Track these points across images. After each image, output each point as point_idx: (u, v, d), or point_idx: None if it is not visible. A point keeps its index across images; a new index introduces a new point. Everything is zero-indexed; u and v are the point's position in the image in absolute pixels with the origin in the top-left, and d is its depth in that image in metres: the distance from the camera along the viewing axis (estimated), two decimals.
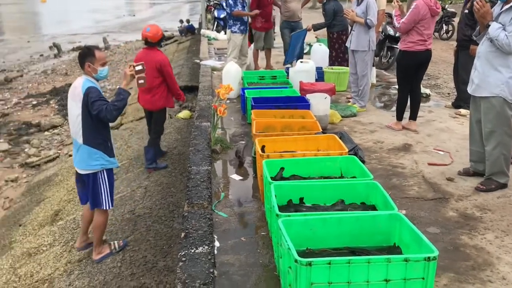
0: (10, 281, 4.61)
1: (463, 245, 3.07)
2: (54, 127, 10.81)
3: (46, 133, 10.63)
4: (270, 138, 4.18)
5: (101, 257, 4.09)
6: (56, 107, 12.60)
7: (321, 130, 4.65)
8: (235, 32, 8.49)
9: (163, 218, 4.78)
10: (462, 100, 6.23)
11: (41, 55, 22.34)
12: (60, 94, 13.78)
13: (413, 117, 5.61)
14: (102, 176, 3.80)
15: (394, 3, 5.50)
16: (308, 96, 5.82)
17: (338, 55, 8.18)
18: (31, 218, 6.16)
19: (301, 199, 3.13)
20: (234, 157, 4.90)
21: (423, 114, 6.25)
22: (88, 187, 3.82)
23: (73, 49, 23.12)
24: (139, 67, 3.75)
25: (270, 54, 9.64)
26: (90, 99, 3.50)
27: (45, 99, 13.52)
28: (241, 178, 4.35)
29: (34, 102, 13.24)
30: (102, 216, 3.97)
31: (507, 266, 2.81)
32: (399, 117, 5.64)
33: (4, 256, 5.41)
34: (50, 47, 23.51)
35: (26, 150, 9.59)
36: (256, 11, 8.32)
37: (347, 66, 8.21)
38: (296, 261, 2.24)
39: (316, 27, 8.37)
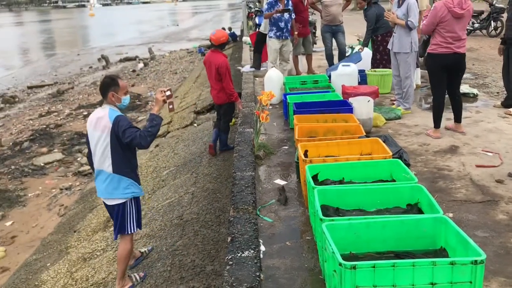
0: (68, 284, 4.86)
1: None
2: None
3: None
4: (313, 142, 4.21)
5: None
6: None
7: (364, 133, 4.64)
8: (271, 37, 8.59)
9: (210, 223, 4.91)
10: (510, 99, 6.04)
11: (90, 67, 23.31)
12: None
13: (458, 119, 5.47)
14: (132, 204, 3.79)
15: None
16: (350, 99, 5.81)
17: (383, 58, 8.10)
18: (85, 224, 6.45)
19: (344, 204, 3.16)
20: (277, 162, 4.97)
21: (471, 115, 6.09)
22: (117, 217, 3.78)
23: (120, 60, 23.98)
24: (168, 93, 3.75)
25: (311, 59, 9.67)
26: (121, 127, 3.46)
27: (95, 109, 14.08)
28: (285, 183, 4.40)
29: (85, 113, 13.81)
30: (127, 243, 3.92)
31: None
32: (436, 124, 5.44)
33: (61, 260, 5.71)
34: (99, 59, 24.49)
35: (78, 159, 10.05)
36: (280, 8, 8.35)
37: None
38: (340, 264, 2.27)
39: (365, 44, 8.29)
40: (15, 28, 58.39)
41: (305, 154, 3.94)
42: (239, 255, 3.04)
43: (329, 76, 7.52)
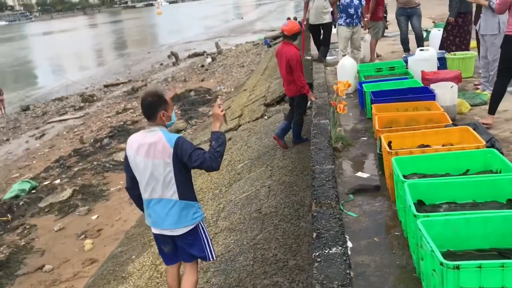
0: (153, 277, 5.03)
1: None
2: (179, 131, 11.57)
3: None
4: (397, 133, 4.04)
5: None
6: (179, 112, 13.46)
7: (450, 122, 4.38)
8: (341, 24, 8.37)
9: (289, 217, 4.87)
10: None
11: (161, 64, 24.11)
12: (181, 99, 14.71)
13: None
14: (202, 226, 3.43)
15: None
16: (432, 86, 5.52)
17: (454, 42, 7.69)
18: None
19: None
20: (356, 154, 4.83)
21: None
22: (191, 244, 3.39)
23: (189, 56, 24.57)
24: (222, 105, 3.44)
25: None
26: (186, 151, 3.07)
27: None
28: (367, 175, 4.26)
29: None
30: (195, 273, 3.57)
31: None
32: (491, 110, 5.04)
33: (145, 253, 5.93)
34: (169, 56, 25.26)
35: None
36: None
37: (466, 50, 7.67)
38: (442, 264, 2.14)
39: (452, 14, 7.80)
40: (90, 30, 61.62)
41: (389, 145, 3.78)
42: (326, 251, 2.97)
43: (406, 62, 7.20)
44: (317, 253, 2.98)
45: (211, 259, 3.56)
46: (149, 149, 3.12)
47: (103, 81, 21.45)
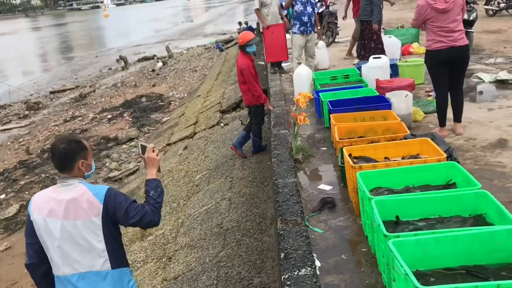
0: None
1: None
2: (131, 139, 11.23)
3: (123, 146, 11.08)
4: (358, 146, 4.04)
5: None
6: (130, 119, 13.10)
7: (408, 131, 4.45)
8: (295, 33, 8.39)
9: (251, 231, 4.79)
10: None
11: (110, 69, 23.41)
12: (132, 106, 14.33)
13: (457, 119, 5.13)
14: None
15: None
16: (387, 95, 5.60)
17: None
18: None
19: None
20: (317, 165, 4.82)
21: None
22: None
23: (139, 60, 24.01)
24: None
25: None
26: (120, 205, 2.55)
27: (118, 112, 14.11)
28: (330, 187, 4.24)
29: (109, 116, 13.85)
30: None
31: None
32: (442, 123, 5.13)
33: None
34: (117, 60, 24.58)
35: (107, 164, 10.03)
36: None
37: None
38: None
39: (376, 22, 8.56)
40: (33, 33, 59.10)
41: (350, 156, 3.77)
42: (296, 273, 2.90)
43: (359, 69, 7.30)
44: (286, 276, 2.90)
45: None
46: (68, 208, 2.50)
47: (49, 87, 20.54)
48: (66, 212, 2.51)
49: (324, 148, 5.24)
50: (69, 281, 2.58)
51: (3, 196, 9.15)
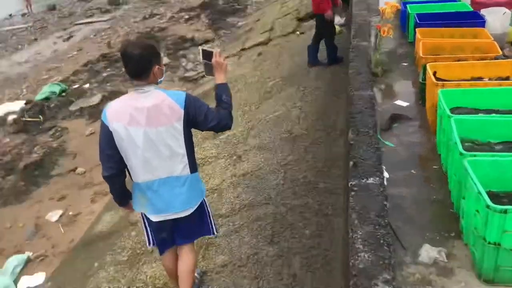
0: None
1: None
2: (207, 41, 11.33)
3: (199, 48, 11.22)
4: (444, 63, 3.85)
5: None
6: (207, 21, 13.09)
7: (500, 52, 4.16)
8: None
9: (320, 140, 4.88)
10: None
11: None
12: (209, 7, 14.24)
13: None
14: (205, 198, 2.96)
15: None
16: (482, 11, 5.17)
17: None
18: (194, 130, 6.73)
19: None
20: (396, 81, 4.69)
21: None
22: (197, 222, 2.92)
23: None
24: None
25: None
26: (200, 109, 2.55)
27: (196, 13, 14.12)
28: (407, 104, 4.15)
29: (186, 17, 13.92)
30: (195, 252, 3.13)
31: None
32: None
33: None
34: None
35: (183, 64, 10.29)
36: None
37: None
38: (488, 207, 2.12)
39: None
40: None
41: (434, 75, 3.62)
42: (363, 181, 2.96)
43: None
44: (354, 183, 2.97)
45: (216, 233, 3.12)
46: (149, 115, 2.49)
47: None
48: (148, 119, 2.48)
49: (405, 64, 5.05)
50: (149, 187, 2.65)
51: (87, 85, 9.75)
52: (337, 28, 7.11)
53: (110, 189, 2.77)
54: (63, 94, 9.43)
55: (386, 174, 3.18)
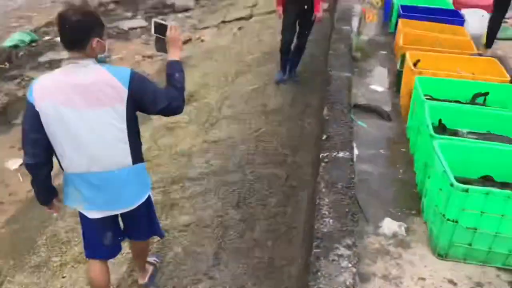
0: (152, 149, 5.13)
1: None
2: (187, 10, 11.14)
3: (179, 15, 11.02)
4: (423, 53, 3.95)
5: (151, 277, 3.00)
6: None
7: (476, 50, 4.30)
8: None
9: (294, 116, 4.93)
10: None
11: None
12: None
13: None
14: (151, 195, 2.62)
15: None
16: (463, 10, 5.32)
17: None
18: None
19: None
20: (373, 67, 4.78)
21: None
22: (142, 218, 2.58)
23: None
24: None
25: None
26: (147, 89, 2.19)
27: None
28: (382, 89, 4.25)
29: None
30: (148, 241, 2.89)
31: None
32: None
33: (144, 125, 6.01)
34: None
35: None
36: None
37: None
38: (452, 185, 2.23)
39: None
40: None
41: (415, 65, 3.73)
42: (334, 154, 3.05)
43: None
44: (325, 154, 3.06)
45: (163, 234, 2.89)
46: (87, 94, 2.09)
47: None
48: (85, 99, 2.10)
49: (384, 52, 5.15)
50: (85, 180, 2.26)
51: (59, 38, 9.42)
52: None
53: (33, 182, 2.33)
54: (33, 44, 9.10)
55: (356, 151, 3.27)
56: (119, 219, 2.54)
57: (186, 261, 3.12)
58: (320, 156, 3.06)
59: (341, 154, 3.06)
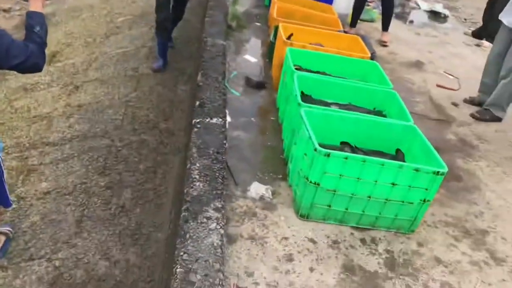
0: (6, 111, 4.62)
1: (457, 168, 3.26)
2: None
3: None
4: (296, 26, 4.08)
5: (3, 248, 2.78)
6: None
7: (342, 28, 4.57)
8: None
9: (167, 82, 4.79)
10: (485, 32, 6.08)
11: None
12: None
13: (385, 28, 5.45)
14: (2, 160, 2.50)
15: None
16: None
17: None
18: None
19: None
20: (248, 37, 4.82)
21: (438, 35, 6.17)
22: None
23: None
24: None
25: None
26: (2, 45, 2.03)
27: None
28: (255, 60, 4.31)
29: None
30: None
31: (493, 194, 3.03)
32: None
33: None
34: None
35: None
36: None
37: None
38: (315, 150, 2.34)
39: None
40: None
41: (288, 38, 3.82)
42: (207, 120, 3.03)
43: None
44: (198, 120, 3.02)
45: (11, 205, 2.73)
46: None
47: None
48: None
49: (258, 24, 5.22)
50: None
51: None
52: None
53: None
54: None
55: (228, 118, 3.28)
56: None
57: (45, 230, 2.88)
58: (193, 122, 3.01)
59: (214, 120, 3.05)
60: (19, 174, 3.42)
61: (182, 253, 1.97)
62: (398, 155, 2.84)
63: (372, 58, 4.26)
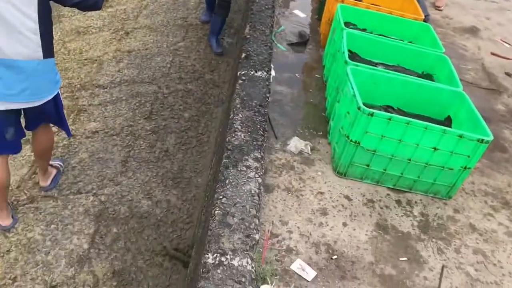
0: (60, 52, 4.79)
1: (503, 138, 3.18)
2: None
3: None
4: None
5: (54, 180, 2.94)
6: None
7: None
8: None
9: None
10: None
11: None
12: None
13: None
14: (59, 92, 2.50)
15: None
16: None
17: None
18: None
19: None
20: None
21: (499, 0, 5.85)
22: (50, 115, 2.51)
23: None
24: None
25: None
26: None
27: None
28: (303, 15, 4.25)
29: None
30: (52, 132, 2.76)
31: None
32: None
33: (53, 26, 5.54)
34: None
35: None
36: None
37: None
38: (359, 108, 2.34)
39: None
40: None
41: None
42: (252, 73, 3.05)
43: None
44: (243, 72, 3.05)
45: (71, 134, 2.84)
46: None
47: None
48: None
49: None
50: None
51: None
52: None
53: None
54: None
55: (273, 72, 3.30)
56: (21, 117, 2.44)
57: (92, 167, 3.05)
58: (238, 74, 3.05)
59: (258, 74, 3.07)
60: (70, 113, 3.59)
61: (221, 197, 2.06)
62: (446, 122, 2.79)
63: (425, 21, 4.12)
